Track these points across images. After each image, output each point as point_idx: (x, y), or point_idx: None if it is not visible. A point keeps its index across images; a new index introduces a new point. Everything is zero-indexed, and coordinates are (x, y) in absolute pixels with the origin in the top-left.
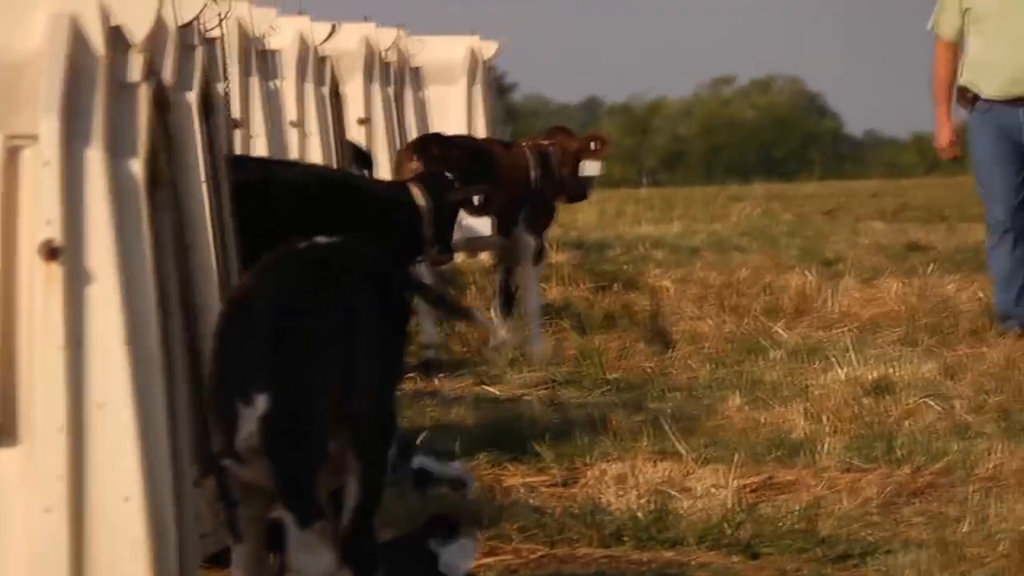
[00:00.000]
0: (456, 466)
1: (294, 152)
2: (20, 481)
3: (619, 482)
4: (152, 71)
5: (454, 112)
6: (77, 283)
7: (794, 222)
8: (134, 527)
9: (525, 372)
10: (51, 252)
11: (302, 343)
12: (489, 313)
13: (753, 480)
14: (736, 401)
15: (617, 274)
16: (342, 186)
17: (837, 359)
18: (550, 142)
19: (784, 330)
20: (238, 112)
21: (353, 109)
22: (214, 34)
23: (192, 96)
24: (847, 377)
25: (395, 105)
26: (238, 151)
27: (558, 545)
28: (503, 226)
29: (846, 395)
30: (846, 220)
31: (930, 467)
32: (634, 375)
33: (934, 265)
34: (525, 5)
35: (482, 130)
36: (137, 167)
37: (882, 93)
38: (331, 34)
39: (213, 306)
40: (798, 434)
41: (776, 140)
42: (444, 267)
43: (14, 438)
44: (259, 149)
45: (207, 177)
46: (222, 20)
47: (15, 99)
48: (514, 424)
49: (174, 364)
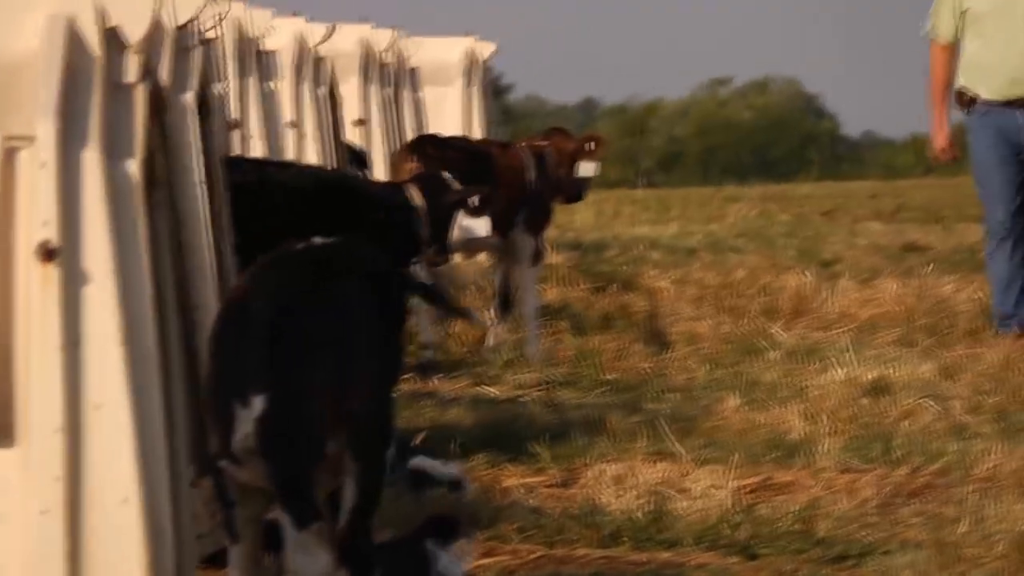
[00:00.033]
0: (453, 467)
1: (291, 153)
2: (17, 483)
3: (617, 483)
4: (148, 72)
5: (451, 113)
6: (74, 284)
7: (791, 223)
8: (131, 528)
9: (523, 373)
10: (48, 253)
11: (299, 344)
12: (488, 314)
13: (751, 481)
14: (734, 402)
15: (614, 275)
16: (339, 187)
17: (835, 360)
18: (547, 143)
19: (782, 331)
20: (235, 113)
21: (350, 110)
22: (211, 35)
23: (189, 97)
24: (845, 378)
25: (392, 106)
26: (235, 152)
27: (556, 546)
28: (501, 227)
29: (844, 396)
30: (844, 221)
31: (928, 468)
32: (632, 376)
33: (932, 266)
34: (522, 6)
35: (479, 131)
36: (134, 168)
37: (879, 94)
38: (328, 35)
39: (210, 307)
40: (796, 435)
41: (773, 141)
42: (441, 268)
43: (11, 440)
44: (256, 150)
45: (203, 178)
46: (219, 21)
47: (12, 100)
48: (512, 425)
49: (171, 365)
